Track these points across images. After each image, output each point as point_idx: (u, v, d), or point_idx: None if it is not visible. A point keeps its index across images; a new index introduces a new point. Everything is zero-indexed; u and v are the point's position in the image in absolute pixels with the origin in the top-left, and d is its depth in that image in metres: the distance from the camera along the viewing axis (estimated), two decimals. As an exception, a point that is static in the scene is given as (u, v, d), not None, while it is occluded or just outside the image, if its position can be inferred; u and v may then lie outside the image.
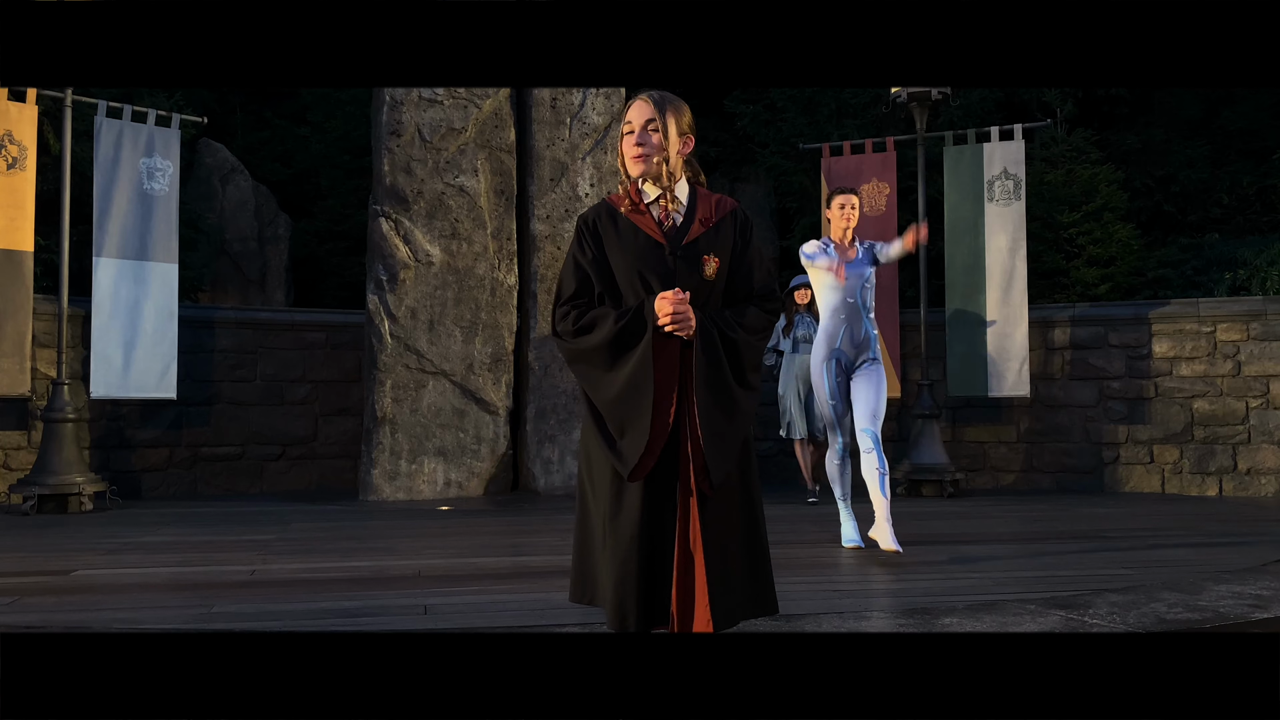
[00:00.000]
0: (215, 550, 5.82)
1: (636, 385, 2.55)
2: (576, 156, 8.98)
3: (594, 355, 2.60)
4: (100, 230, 8.01)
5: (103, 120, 8.06)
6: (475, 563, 5.41)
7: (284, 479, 9.45)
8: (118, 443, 8.80)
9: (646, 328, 2.56)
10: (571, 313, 2.64)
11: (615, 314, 2.60)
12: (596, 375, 2.61)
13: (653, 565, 2.54)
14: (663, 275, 2.61)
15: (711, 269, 2.62)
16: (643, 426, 2.54)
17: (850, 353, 5.59)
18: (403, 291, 8.54)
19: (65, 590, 4.64)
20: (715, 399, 2.58)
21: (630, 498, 2.56)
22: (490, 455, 8.69)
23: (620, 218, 2.69)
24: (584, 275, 2.67)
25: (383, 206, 8.59)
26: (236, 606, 4.24)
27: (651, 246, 2.64)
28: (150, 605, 4.31)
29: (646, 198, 2.70)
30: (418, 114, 8.64)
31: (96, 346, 7.99)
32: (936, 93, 8.99)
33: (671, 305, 2.53)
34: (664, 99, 2.70)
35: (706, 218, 2.69)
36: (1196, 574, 4.79)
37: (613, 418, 2.58)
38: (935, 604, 4.16)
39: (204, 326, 9.23)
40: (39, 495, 7.44)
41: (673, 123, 2.67)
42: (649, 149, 2.64)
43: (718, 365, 2.59)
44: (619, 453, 2.57)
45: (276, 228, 12.23)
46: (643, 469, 2.55)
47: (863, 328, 5.59)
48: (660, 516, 2.55)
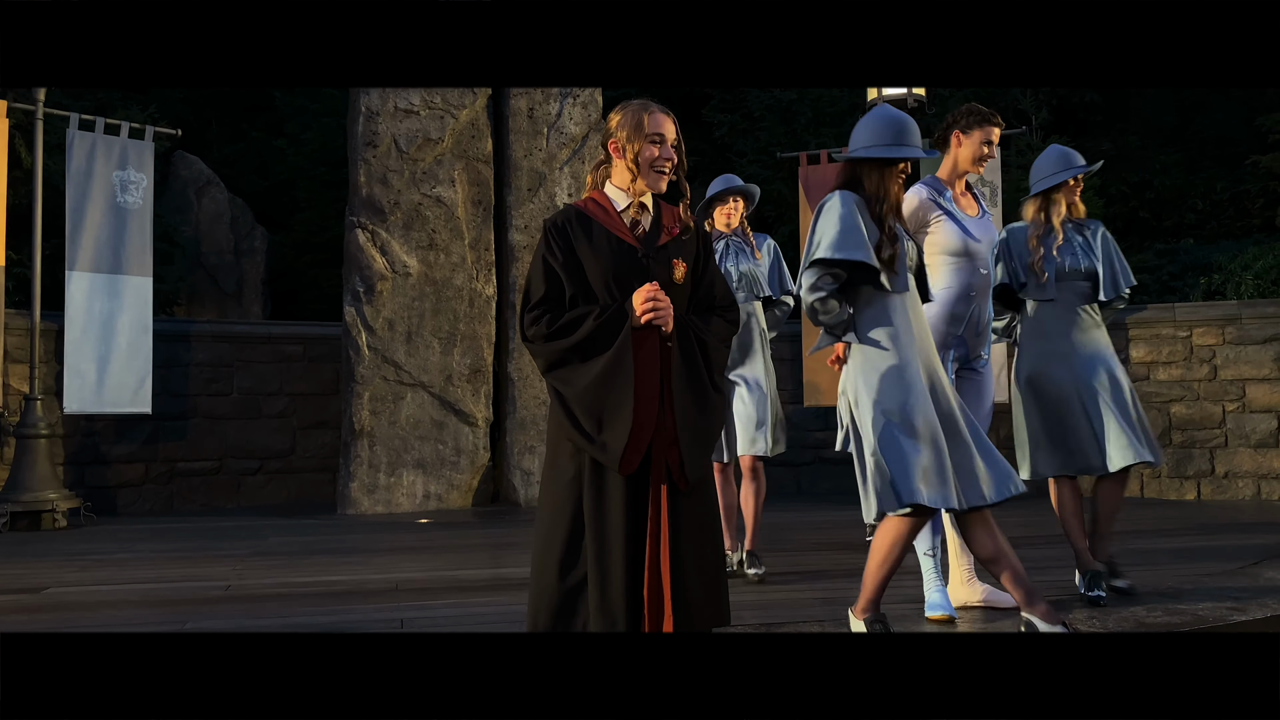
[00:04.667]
0: (190, 565, 5.75)
1: (617, 378, 2.58)
2: (554, 166, 8.96)
3: (574, 354, 2.62)
4: (73, 244, 7.93)
5: (75, 133, 7.98)
6: (453, 575, 5.36)
7: (262, 493, 9.37)
8: (92, 458, 8.70)
9: (625, 321, 2.61)
10: (545, 316, 2.66)
11: (594, 312, 2.63)
12: (577, 374, 2.62)
13: (636, 563, 2.56)
14: (637, 277, 2.66)
15: (680, 272, 2.69)
16: (625, 418, 2.56)
17: (972, 344, 4.16)
18: (380, 303, 8.48)
19: (37, 608, 4.57)
20: (693, 396, 2.62)
21: (612, 497, 2.57)
22: (470, 467, 8.64)
23: (592, 223, 2.73)
24: (555, 278, 2.69)
25: (359, 218, 8.54)
26: (210, 622, 4.18)
27: (625, 250, 2.69)
28: (123, 622, 4.24)
29: (618, 205, 2.76)
30: (394, 125, 8.61)
31: (70, 361, 7.90)
32: (912, 101, 9.01)
33: (647, 295, 2.59)
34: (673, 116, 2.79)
35: (672, 226, 2.76)
36: (1175, 577, 4.79)
37: (593, 412, 2.59)
38: (915, 610, 4.14)
39: (180, 340, 9.15)
40: (11, 513, 7.34)
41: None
42: (673, 165, 2.73)
43: (694, 364, 2.64)
44: (604, 449, 2.57)
45: (253, 240, 12.15)
46: (629, 464, 2.56)
47: (988, 309, 4.20)
48: (639, 514, 2.58)
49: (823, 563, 5.51)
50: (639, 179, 2.71)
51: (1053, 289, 4.37)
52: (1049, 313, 4.40)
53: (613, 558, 2.53)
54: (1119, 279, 4.44)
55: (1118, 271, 4.45)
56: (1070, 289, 4.39)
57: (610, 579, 2.52)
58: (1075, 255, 4.40)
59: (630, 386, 2.57)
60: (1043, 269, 4.37)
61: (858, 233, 3.37)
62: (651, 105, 2.74)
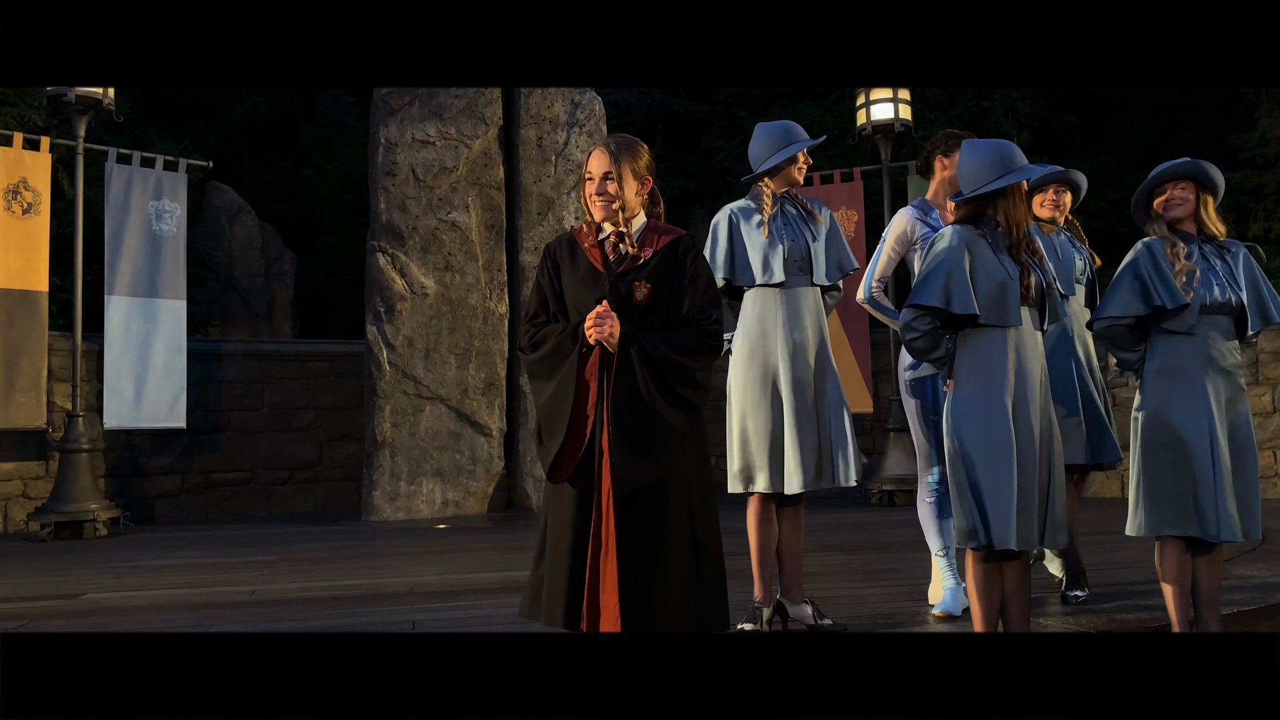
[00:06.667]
0: (220, 571, 5.78)
1: (560, 393, 2.69)
2: (562, 192, 8.99)
3: (538, 366, 2.76)
4: (111, 270, 7.99)
5: (113, 166, 8.06)
6: (467, 578, 5.37)
7: (291, 501, 9.41)
8: (132, 470, 8.75)
9: (576, 340, 2.69)
10: (530, 331, 2.81)
11: (559, 330, 2.75)
12: (539, 385, 2.77)
13: (582, 568, 2.62)
14: (599, 297, 2.73)
15: (641, 294, 2.72)
16: (560, 431, 2.66)
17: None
18: (400, 322, 8.52)
19: (73, 613, 4.60)
20: (631, 412, 2.64)
21: (565, 505, 2.67)
22: (485, 475, 8.65)
23: (577, 249, 2.82)
24: (543, 298, 2.84)
25: (380, 242, 8.58)
26: (233, 625, 4.20)
27: (592, 274, 2.76)
28: (151, 625, 4.26)
29: (602, 233, 2.82)
30: (411, 155, 8.65)
31: (109, 380, 7.95)
32: (899, 126, 9.04)
33: (593, 314, 2.66)
34: (620, 148, 2.79)
35: (647, 250, 2.79)
36: (1148, 576, 4.76)
37: (543, 422, 2.74)
38: (898, 610, 4.13)
39: (213, 359, 9.20)
40: (55, 523, 7.38)
41: (629, 170, 2.77)
42: (607, 198, 2.76)
43: (632, 381, 2.65)
44: (544, 456, 2.71)
45: (282, 264, 12.23)
46: (561, 472, 2.67)
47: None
48: (584, 521, 2.64)
49: (810, 564, 5.50)
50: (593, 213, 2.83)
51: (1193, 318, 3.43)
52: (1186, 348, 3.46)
53: (559, 559, 2.64)
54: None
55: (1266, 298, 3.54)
56: (1211, 322, 3.46)
57: (555, 579, 2.65)
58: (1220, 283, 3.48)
59: (569, 400, 2.65)
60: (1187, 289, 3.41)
61: (948, 277, 3.18)
62: (600, 143, 2.81)
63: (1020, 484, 3.13)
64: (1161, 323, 3.46)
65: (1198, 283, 3.43)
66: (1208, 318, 3.44)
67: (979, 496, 3.15)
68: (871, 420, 9.38)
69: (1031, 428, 3.18)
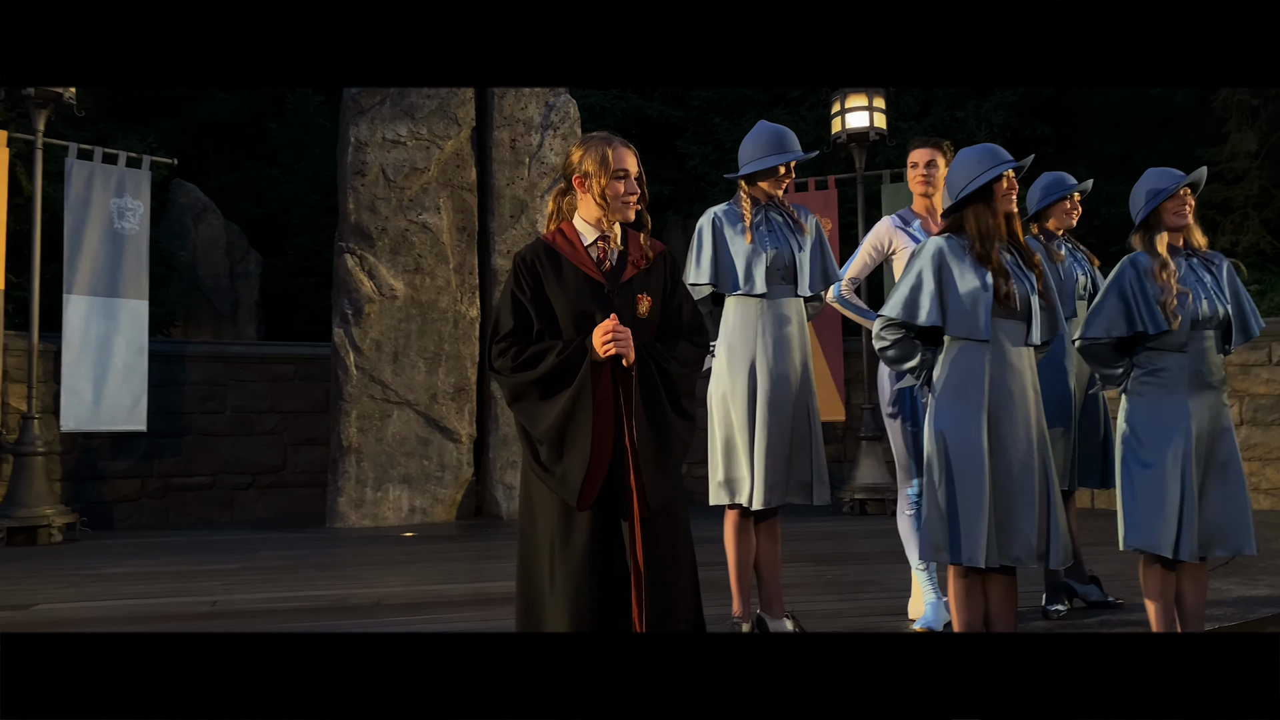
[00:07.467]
0: (180, 580, 5.58)
1: (576, 413, 2.49)
2: (535, 195, 8.86)
3: (535, 388, 2.53)
4: (71, 268, 7.76)
5: (74, 162, 7.82)
6: (435, 590, 5.21)
7: (254, 507, 9.19)
8: (89, 475, 8.49)
9: (586, 357, 2.51)
10: (511, 349, 2.57)
11: (557, 348, 2.54)
12: (538, 407, 2.53)
13: (605, 589, 2.46)
14: (602, 311, 2.57)
15: (645, 306, 2.60)
16: (583, 454, 2.47)
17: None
18: (368, 325, 8.34)
19: (23, 625, 4.39)
20: (653, 426, 2.53)
21: (578, 526, 2.48)
22: (454, 482, 8.49)
23: (560, 258, 2.64)
24: (523, 312, 2.60)
25: (348, 243, 8.40)
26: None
27: (591, 285, 2.60)
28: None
29: (585, 239, 2.66)
30: (382, 155, 8.48)
31: (67, 381, 7.71)
32: (874, 134, 9.00)
33: (606, 330, 2.49)
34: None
35: (639, 259, 2.66)
36: (1127, 588, 4.70)
37: (554, 447, 2.51)
38: (878, 625, 4.04)
39: (175, 360, 8.97)
40: (8, 528, 7.13)
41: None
42: (638, 197, 2.64)
43: (655, 394, 2.55)
44: (563, 483, 2.49)
45: (248, 264, 11.99)
46: (588, 498, 2.48)
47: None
48: (606, 541, 2.48)
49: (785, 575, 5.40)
50: (608, 213, 2.63)
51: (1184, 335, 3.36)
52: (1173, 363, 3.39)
53: (585, 585, 2.44)
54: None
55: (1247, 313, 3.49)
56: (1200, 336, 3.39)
57: (565, 600, 2.45)
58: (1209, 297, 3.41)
59: (588, 423, 2.48)
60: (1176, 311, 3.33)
61: (915, 289, 3.15)
62: (614, 140, 2.66)
63: (995, 499, 3.05)
64: (1147, 343, 3.40)
65: (1190, 305, 3.35)
66: (1197, 332, 3.37)
67: (951, 512, 3.08)
68: (843, 428, 9.32)
69: (1013, 444, 3.09)
